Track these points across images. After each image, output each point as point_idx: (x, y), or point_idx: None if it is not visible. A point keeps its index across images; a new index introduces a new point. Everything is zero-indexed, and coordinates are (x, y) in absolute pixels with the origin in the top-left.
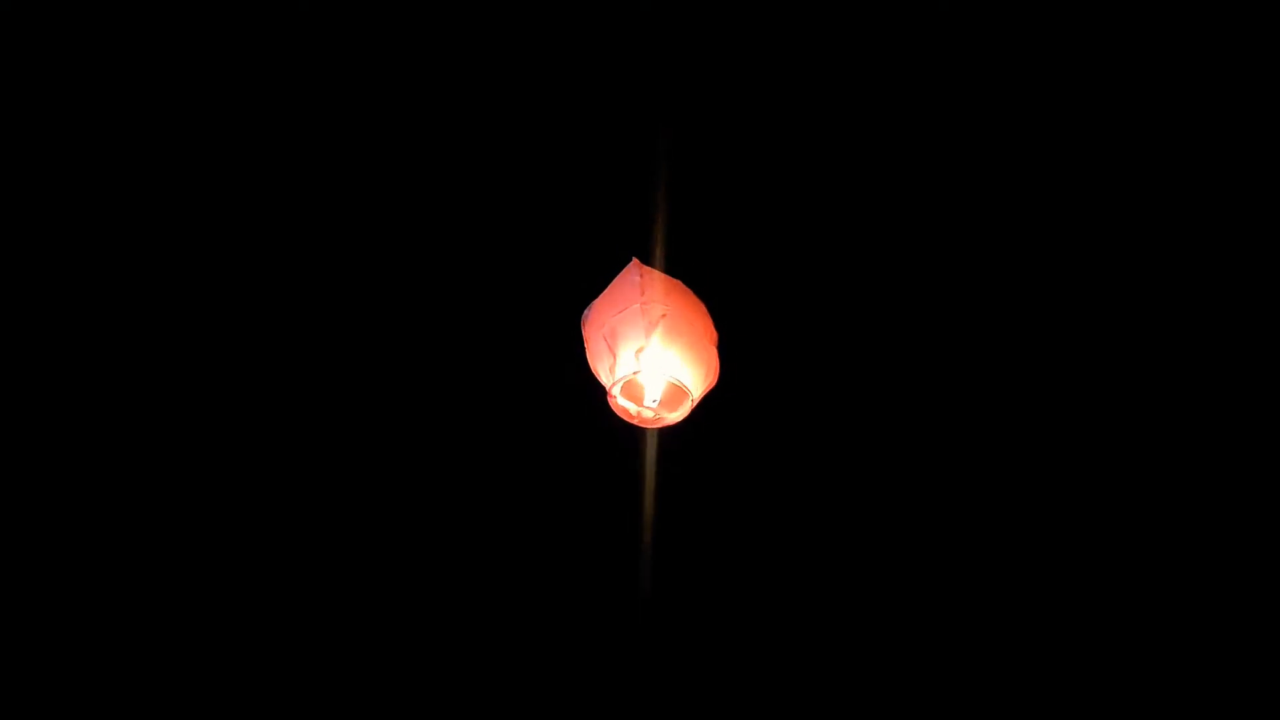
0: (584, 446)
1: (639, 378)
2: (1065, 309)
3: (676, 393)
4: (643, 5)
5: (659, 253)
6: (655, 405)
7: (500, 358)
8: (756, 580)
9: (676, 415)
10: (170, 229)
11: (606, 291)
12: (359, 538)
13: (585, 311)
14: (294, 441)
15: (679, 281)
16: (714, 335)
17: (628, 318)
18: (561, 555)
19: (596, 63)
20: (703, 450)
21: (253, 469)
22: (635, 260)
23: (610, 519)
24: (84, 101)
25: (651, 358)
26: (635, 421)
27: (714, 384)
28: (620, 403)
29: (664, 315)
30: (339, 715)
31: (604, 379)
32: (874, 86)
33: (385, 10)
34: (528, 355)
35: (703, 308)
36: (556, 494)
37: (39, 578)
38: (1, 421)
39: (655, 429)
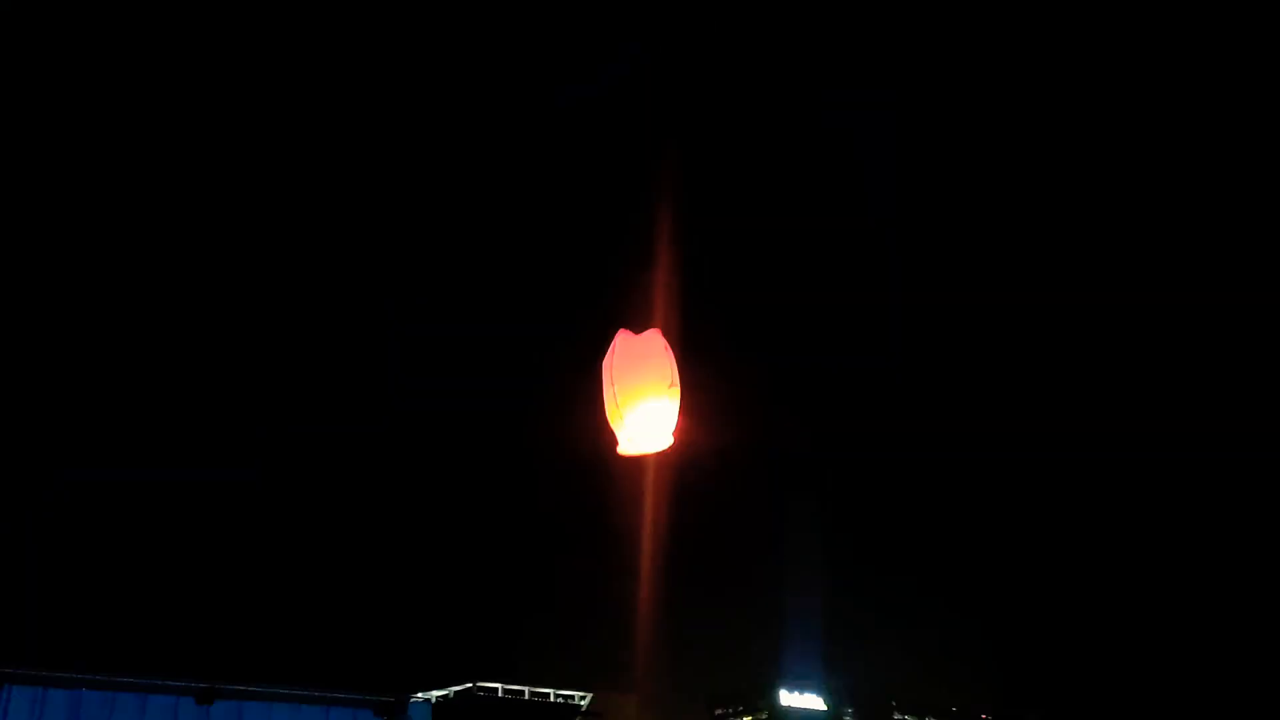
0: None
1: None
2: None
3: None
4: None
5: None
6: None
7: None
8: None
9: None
10: (176, 231)
11: (635, 356)
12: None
13: (607, 361)
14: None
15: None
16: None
17: (653, 401)
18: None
19: (607, 84)
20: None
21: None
22: (659, 331)
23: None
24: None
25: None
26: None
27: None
28: (623, 445)
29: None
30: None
31: (616, 429)
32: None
33: (393, 22)
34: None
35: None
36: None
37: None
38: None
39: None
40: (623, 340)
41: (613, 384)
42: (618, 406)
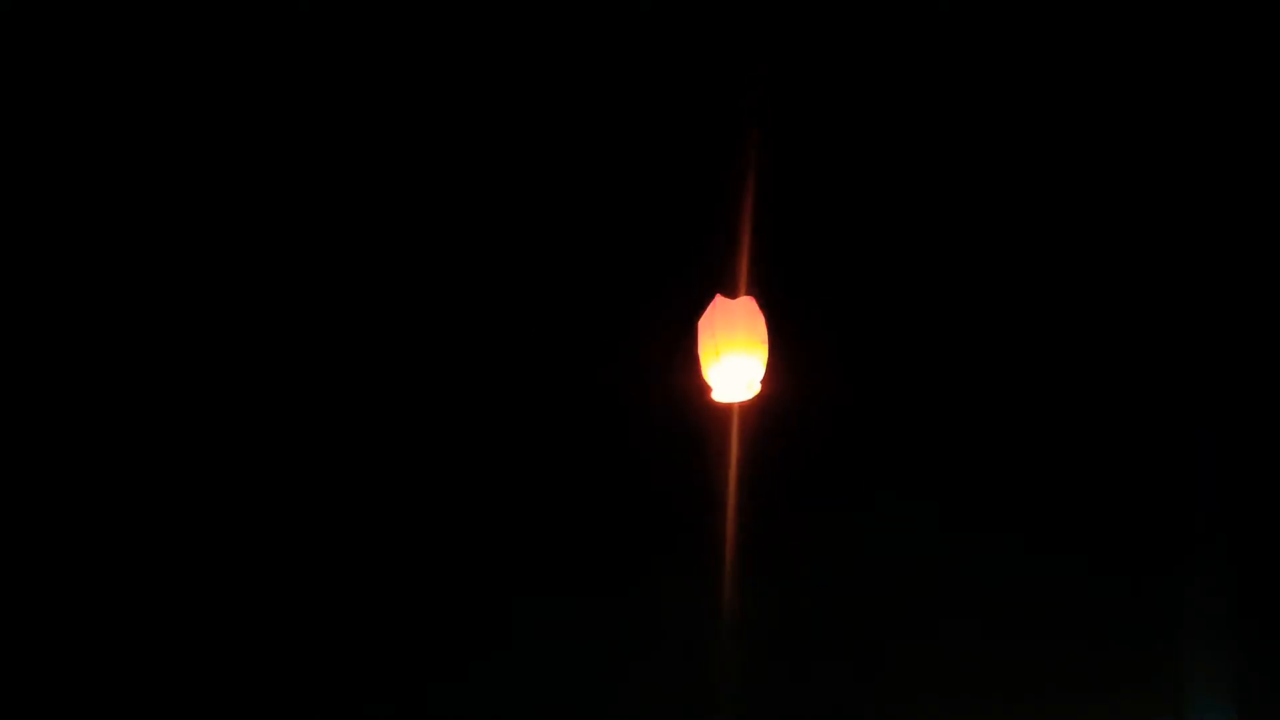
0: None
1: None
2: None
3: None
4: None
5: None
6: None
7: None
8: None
9: (728, 399)
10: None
11: (730, 315)
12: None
13: (706, 318)
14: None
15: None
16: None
17: (742, 354)
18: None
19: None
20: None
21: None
22: (753, 299)
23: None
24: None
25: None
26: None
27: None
28: (713, 390)
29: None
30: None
31: (708, 377)
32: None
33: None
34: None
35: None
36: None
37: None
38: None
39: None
40: (720, 301)
41: (713, 336)
42: (716, 356)
